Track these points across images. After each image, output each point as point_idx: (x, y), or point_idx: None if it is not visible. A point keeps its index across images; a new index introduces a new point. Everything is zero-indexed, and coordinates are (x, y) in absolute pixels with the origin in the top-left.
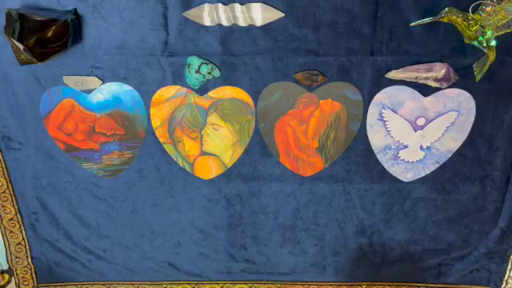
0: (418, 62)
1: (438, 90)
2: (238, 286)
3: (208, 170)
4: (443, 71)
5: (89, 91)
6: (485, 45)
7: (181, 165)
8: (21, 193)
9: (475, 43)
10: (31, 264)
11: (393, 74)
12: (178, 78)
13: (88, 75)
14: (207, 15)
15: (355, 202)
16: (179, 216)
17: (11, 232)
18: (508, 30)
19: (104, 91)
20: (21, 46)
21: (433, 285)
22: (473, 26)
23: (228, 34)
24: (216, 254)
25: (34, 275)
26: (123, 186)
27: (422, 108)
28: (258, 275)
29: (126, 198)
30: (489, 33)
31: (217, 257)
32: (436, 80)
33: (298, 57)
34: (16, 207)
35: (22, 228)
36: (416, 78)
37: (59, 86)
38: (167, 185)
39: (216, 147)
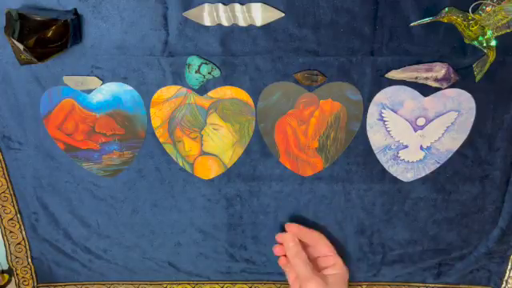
0: (418, 62)
1: (438, 89)
2: (237, 286)
3: (208, 169)
4: (443, 71)
5: (89, 91)
6: (485, 45)
7: (181, 165)
8: (21, 193)
9: (475, 43)
10: (31, 264)
11: (393, 74)
12: (178, 78)
13: (88, 75)
14: (207, 15)
15: (355, 202)
16: (179, 216)
17: (11, 232)
18: (508, 30)
19: (104, 91)
20: (21, 46)
21: (433, 285)
22: (473, 26)
23: (228, 34)
24: (216, 254)
25: (33, 275)
26: (123, 185)
27: (422, 108)
28: (258, 275)
29: (126, 197)
30: (489, 33)
31: (217, 257)
32: (436, 80)
33: (298, 57)
34: (16, 207)
35: (22, 228)
36: (416, 77)
37: (59, 86)
38: (167, 185)
39: (216, 147)
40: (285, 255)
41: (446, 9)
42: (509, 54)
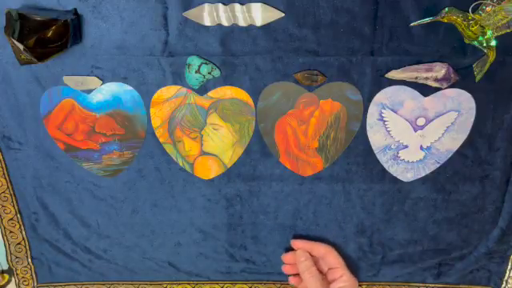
0: (418, 62)
1: (438, 89)
2: (237, 286)
3: (208, 169)
4: (443, 71)
5: (89, 91)
6: (485, 45)
7: (181, 165)
8: (21, 193)
9: (475, 43)
10: (31, 264)
11: (393, 74)
12: (178, 78)
13: (88, 75)
14: (207, 15)
15: (355, 202)
16: (179, 216)
17: (11, 232)
18: (508, 30)
19: (104, 91)
20: (21, 46)
21: (433, 285)
22: (473, 26)
23: (228, 34)
24: (216, 254)
25: (34, 275)
26: (123, 185)
27: (422, 108)
28: (258, 275)
29: (126, 197)
30: (489, 33)
31: (217, 257)
32: (436, 80)
33: (298, 57)
34: (16, 207)
35: (22, 228)
36: (416, 77)
37: (59, 85)
38: (167, 185)
39: (216, 147)
40: (294, 274)
41: (446, 9)
42: (509, 53)
